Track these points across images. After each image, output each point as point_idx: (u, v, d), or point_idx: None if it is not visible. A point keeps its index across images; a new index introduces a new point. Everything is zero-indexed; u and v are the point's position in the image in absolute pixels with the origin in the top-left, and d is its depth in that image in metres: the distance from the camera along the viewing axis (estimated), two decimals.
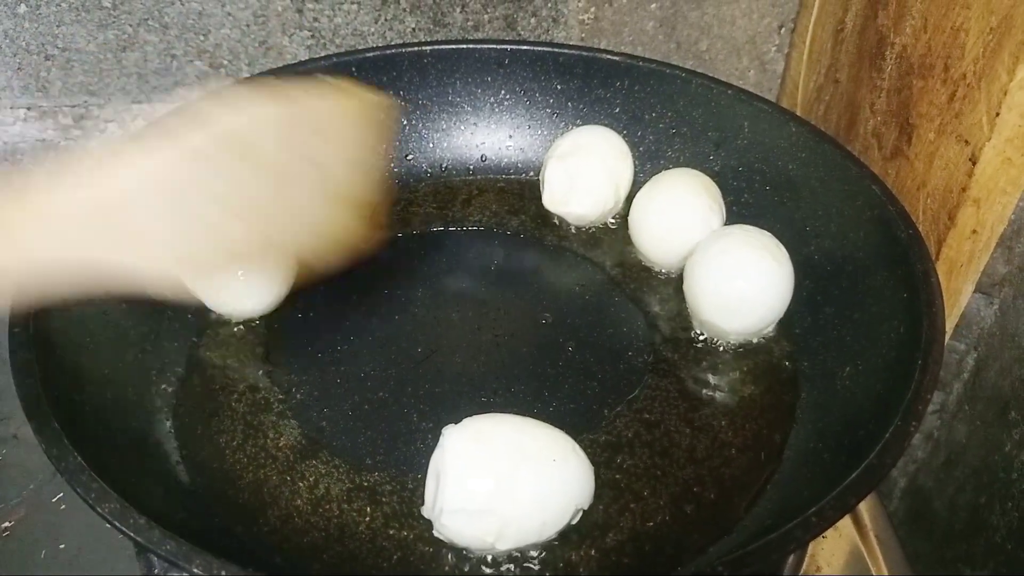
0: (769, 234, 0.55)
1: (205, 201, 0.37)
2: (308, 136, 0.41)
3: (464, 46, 0.70)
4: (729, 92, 0.64)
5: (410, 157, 0.70)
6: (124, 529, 0.35)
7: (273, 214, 0.41)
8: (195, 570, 0.34)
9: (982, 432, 0.63)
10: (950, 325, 0.61)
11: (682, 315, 0.58)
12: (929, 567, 0.69)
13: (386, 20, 0.74)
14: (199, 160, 0.36)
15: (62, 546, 0.51)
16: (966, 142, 0.53)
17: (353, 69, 0.67)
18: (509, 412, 0.51)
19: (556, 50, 0.69)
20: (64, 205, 0.33)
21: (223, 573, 0.34)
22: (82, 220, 0.34)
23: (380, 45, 0.74)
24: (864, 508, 0.56)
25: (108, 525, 0.36)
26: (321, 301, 0.59)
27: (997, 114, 0.50)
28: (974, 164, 0.52)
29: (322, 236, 0.44)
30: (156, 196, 0.35)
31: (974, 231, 0.55)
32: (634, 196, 0.63)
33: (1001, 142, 0.51)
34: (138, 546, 0.47)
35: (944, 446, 0.69)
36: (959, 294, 0.59)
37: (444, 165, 0.71)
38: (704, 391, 0.54)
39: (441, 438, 0.44)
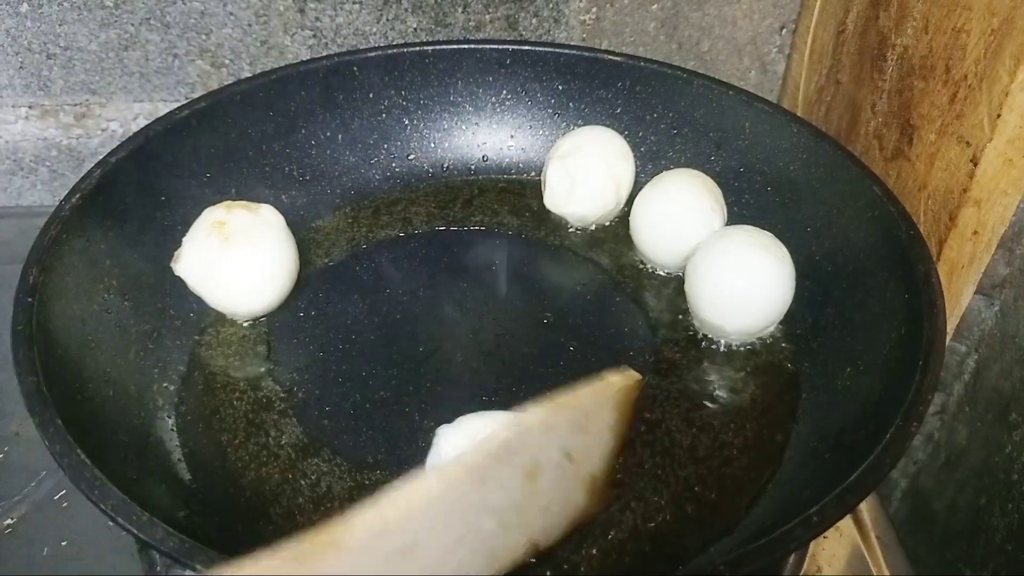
0: (770, 234, 0.55)
1: (482, 514, 0.37)
2: (570, 434, 0.41)
3: (466, 46, 0.70)
4: (731, 93, 0.65)
5: (411, 157, 0.71)
6: (127, 526, 0.35)
7: (536, 516, 0.40)
8: (198, 567, 0.34)
9: (983, 433, 0.63)
10: (951, 326, 0.61)
11: (683, 315, 0.59)
12: (929, 568, 0.69)
13: (388, 20, 0.74)
14: (477, 477, 0.36)
15: (64, 543, 0.51)
16: (967, 143, 0.53)
17: (355, 69, 0.67)
18: (511, 411, 0.52)
19: (558, 50, 0.69)
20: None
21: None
22: (375, 553, 0.33)
23: (382, 45, 0.74)
24: (865, 508, 0.56)
25: (110, 522, 0.36)
26: (323, 300, 0.59)
27: (998, 115, 0.50)
28: (975, 165, 0.52)
29: (562, 519, 0.43)
30: (441, 521, 0.35)
31: (975, 232, 0.55)
32: (635, 196, 0.63)
33: (1002, 143, 0.51)
34: (141, 543, 0.47)
35: (945, 447, 0.69)
36: (960, 295, 0.59)
37: (445, 165, 0.71)
38: (705, 391, 0.54)
39: (435, 438, 0.44)
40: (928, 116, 0.57)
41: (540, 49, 0.70)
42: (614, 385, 0.43)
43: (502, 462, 0.37)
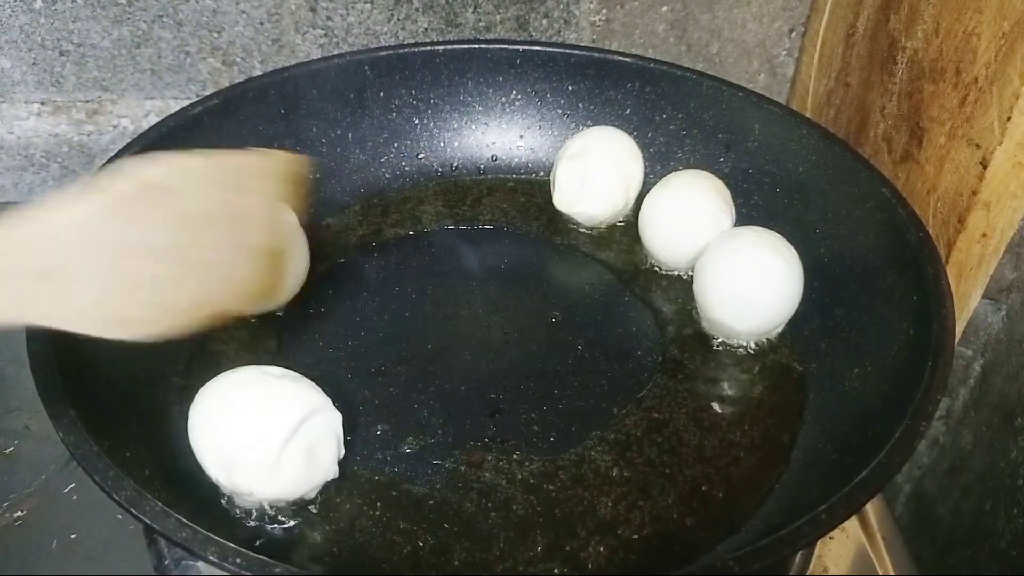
0: (779, 235, 0.55)
1: (135, 255, 0.38)
2: (227, 189, 0.42)
3: (476, 46, 0.70)
4: (740, 94, 0.65)
5: (421, 156, 0.71)
6: (141, 516, 0.36)
7: (198, 268, 0.41)
8: (211, 557, 0.34)
9: (988, 438, 0.64)
10: (958, 329, 0.61)
11: (691, 315, 0.59)
12: (932, 572, 0.69)
13: (399, 19, 0.75)
14: (125, 210, 0.37)
15: (73, 536, 0.51)
16: (977, 146, 0.53)
17: (366, 68, 0.67)
18: (520, 408, 0.52)
19: (568, 51, 0.70)
20: None
21: (237, 560, 0.34)
22: (11, 275, 0.33)
23: (393, 44, 0.74)
24: (871, 509, 0.56)
25: (120, 515, 0.37)
26: (332, 298, 0.60)
27: (1008, 118, 0.50)
28: (985, 168, 0.52)
29: (240, 287, 0.45)
30: (86, 249, 0.35)
31: (984, 235, 0.55)
32: (644, 197, 0.63)
33: (1012, 146, 0.51)
34: (152, 534, 0.48)
35: (950, 452, 0.69)
36: (968, 298, 0.59)
37: (455, 164, 0.72)
38: (713, 391, 0.54)
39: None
40: (938, 119, 0.57)
41: (550, 50, 0.70)
42: (276, 160, 0.46)
43: (147, 202, 0.38)
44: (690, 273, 0.59)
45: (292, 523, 0.45)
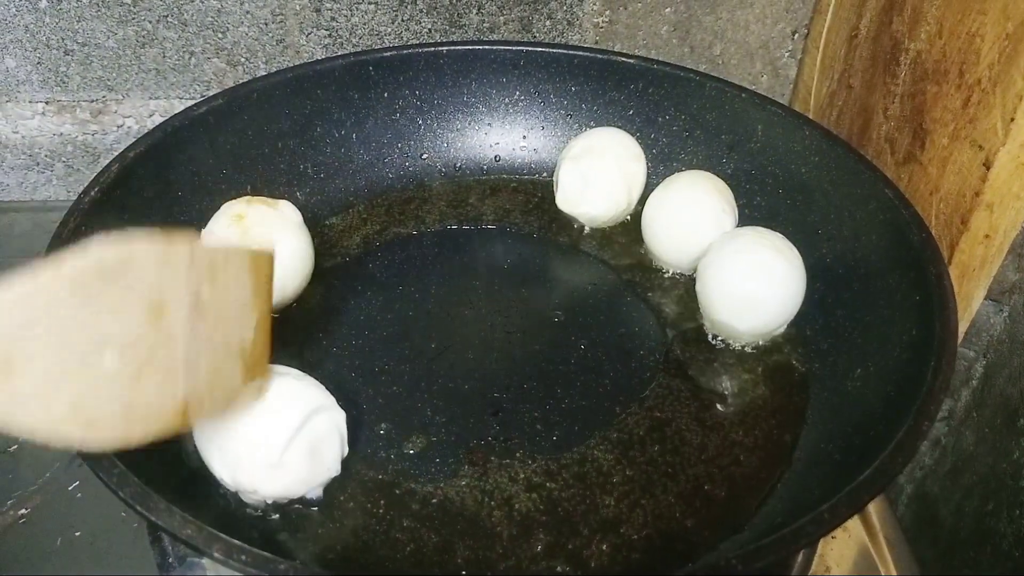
0: (781, 236, 0.55)
1: (96, 345, 0.33)
2: (192, 278, 0.38)
3: (480, 47, 0.70)
4: (743, 95, 0.65)
5: (425, 156, 0.71)
6: (145, 513, 0.36)
7: (166, 368, 0.37)
8: (215, 555, 0.34)
9: (990, 439, 0.64)
10: (961, 330, 0.61)
11: (694, 315, 0.59)
12: (935, 573, 0.69)
13: (403, 20, 0.75)
14: (86, 294, 0.33)
15: (78, 533, 0.51)
16: (980, 147, 0.53)
17: (370, 68, 0.67)
18: (523, 407, 0.52)
19: (571, 52, 0.70)
20: None
21: (242, 557, 0.34)
22: None
23: (397, 45, 0.75)
24: (873, 510, 0.56)
25: (124, 512, 0.37)
26: (336, 297, 0.60)
27: (1012, 119, 0.50)
28: (988, 169, 0.52)
29: (212, 387, 0.41)
30: (41, 331, 0.31)
31: (987, 236, 0.55)
32: (647, 197, 0.63)
33: (1016, 147, 0.51)
34: (157, 530, 0.48)
35: (952, 453, 0.69)
36: (971, 299, 0.59)
37: (458, 165, 0.72)
38: (715, 391, 0.54)
39: None
40: (941, 120, 0.57)
41: (554, 51, 0.70)
42: (241, 252, 0.42)
43: (109, 284, 0.33)
44: (693, 273, 0.60)
45: (296, 521, 0.45)
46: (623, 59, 0.69)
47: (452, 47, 0.70)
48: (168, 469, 0.44)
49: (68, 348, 0.32)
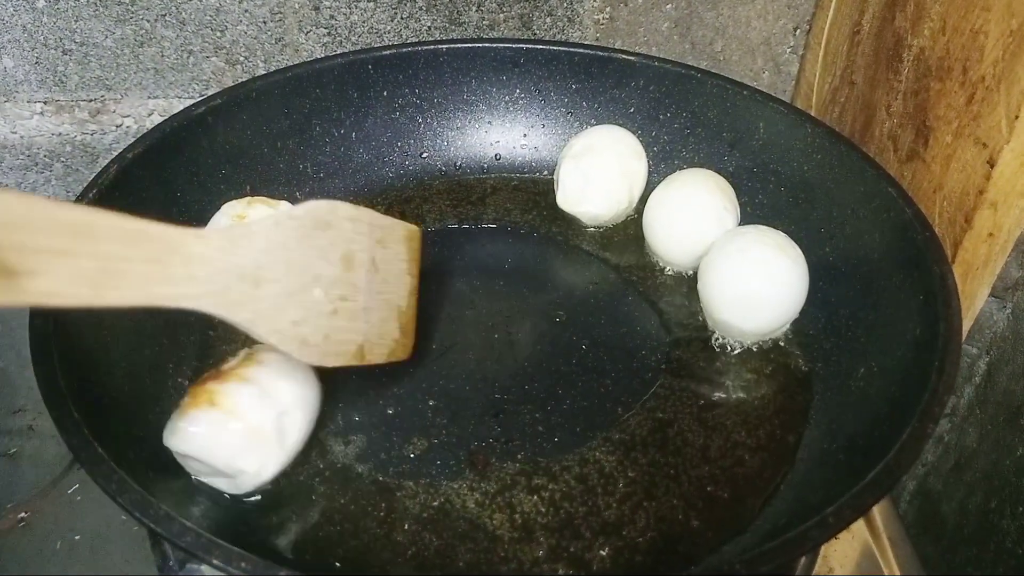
0: (784, 234, 0.55)
1: (314, 282, 0.43)
2: (379, 246, 0.48)
3: (480, 45, 0.70)
4: (745, 93, 0.65)
5: (425, 155, 0.71)
6: (145, 520, 0.36)
7: (358, 312, 0.46)
8: (215, 561, 0.34)
9: (993, 436, 0.63)
10: (964, 328, 0.61)
11: (696, 315, 0.59)
12: (938, 571, 0.68)
13: (402, 18, 0.74)
14: (310, 241, 0.42)
15: (77, 537, 0.51)
16: (984, 145, 0.53)
17: (369, 67, 0.67)
18: (524, 409, 0.52)
19: (571, 50, 0.70)
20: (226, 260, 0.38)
21: (242, 564, 0.34)
22: (227, 271, 0.38)
23: (396, 43, 0.74)
24: (876, 509, 0.56)
25: (124, 517, 0.36)
26: None
27: (1016, 117, 0.50)
28: (992, 167, 0.52)
29: (383, 340, 0.49)
30: (283, 266, 0.41)
31: (991, 234, 0.55)
32: (648, 196, 0.63)
33: (1020, 145, 0.51)
34: (157, 537, 0.47)
35: (954, 450, 0.69)
36: (974, 297, 0.58)
37: (459, 163, 0.71)
38: (717, 391, 0.54)
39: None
40: (944, 118, 0.57)
41: (554, 48, 0.70)
42: (402, 226, 0.51)
43: (321, 232, 0.43)
44: (695, 272, 0.59)
45: (296, 525, 0.45)
46: (624, 56, 0.69)
47: (452, 45, 0.69)
48: (168, 474, 0.44)
49: (294, 277, 0.42)
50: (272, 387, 0.46)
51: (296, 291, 0.42)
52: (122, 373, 0.48)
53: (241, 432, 0.44)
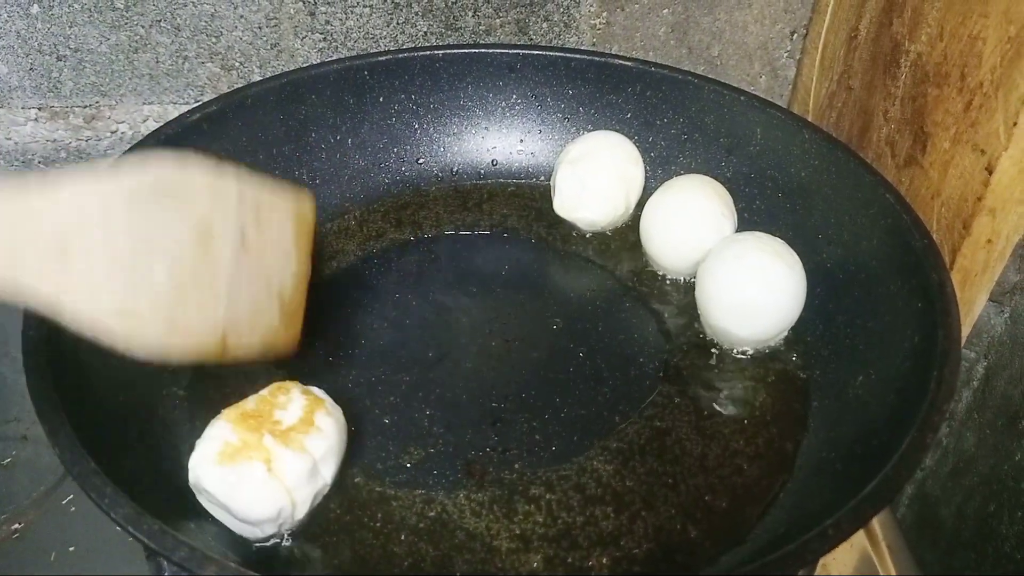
0: (781, 241, 0.55)
1: (149, 252, 0.36)
2: (248, 216, 0.41)
3: (476, 50, 0.70)
4: (742, 98, 0.64)
5: (421, 161, 0.70)
6: (137, 535, 0.35)
7: (208, 290, 0.40)
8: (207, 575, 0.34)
9: (991, 440, 0.63)
10: (963, 335, 0.61)
11: (693, 321, 0.58)
12: (935, 575, 0.68)
13: (398, 24, 0.74)
14: (145, 203, 0.36)
15: (72, 548, 0.50)
16: (982, 151, 0.53)
17: (365, 72, 0.67)
18: (521, 417, 0.52)
19: (568, 55, 0.69)
20: (15, 222, 0.32)
21: None
22: (30, 242, 0.33)
23: (392, 49, 0.74)
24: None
25: (118, 528, 0.36)
26: (332, 304, 0.59)
27: (1014, 123, 0.50)
28: (990, 173, 0.52)
29: (251, 322, 0.43)
30: (104, 231, 0.34)
31: (989, 241, 0.54)
32: (645, 202, 0.63)
33: (1018, 152, 0.50)
34: (150, 551, 0.47)
35: (953, 454, 0.68)
36: (973, 303, 0.58)
37: (455, 169, 0.71)
38: (715, 399, 0.53)
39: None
40: (942, 124, 0.56)
41: (550, 54, 0.69)
42: (289, 199, 0.45)
43: (163, 201, 0.37)
44: (692, 278, 0.59)
45: (291, 538, 0.45)
46: (620, 61, 0.68)
47: (448, 50, 0.69)
48: (163, 487, 0.43)
49: (120, 251, 0.35)
50: (323, 463, 0.44)
51: (123, 266, 0.36)
52: (116, 385, 0.47)
53: (283, 502, 0.42)
